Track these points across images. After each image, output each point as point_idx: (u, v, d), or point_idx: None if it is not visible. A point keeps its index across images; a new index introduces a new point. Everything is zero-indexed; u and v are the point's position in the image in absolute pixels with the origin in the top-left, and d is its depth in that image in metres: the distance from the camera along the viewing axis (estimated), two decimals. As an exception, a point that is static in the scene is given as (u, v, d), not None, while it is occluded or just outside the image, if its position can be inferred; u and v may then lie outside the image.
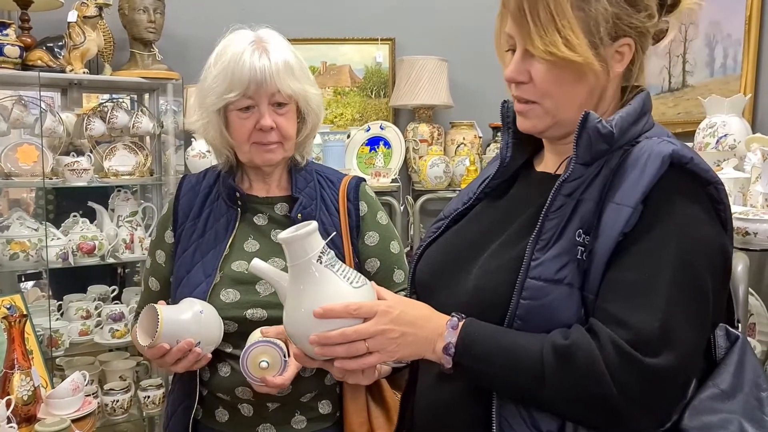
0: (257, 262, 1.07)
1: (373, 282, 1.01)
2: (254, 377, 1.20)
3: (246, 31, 1.39)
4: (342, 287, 0.95)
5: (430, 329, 0.94)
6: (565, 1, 0.91)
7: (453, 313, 0.95)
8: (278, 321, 1.24)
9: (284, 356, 1.21)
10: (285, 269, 1.33)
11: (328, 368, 0.99)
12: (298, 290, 0.97)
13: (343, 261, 1.39)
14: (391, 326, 0.93)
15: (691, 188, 0.91)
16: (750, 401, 0.90)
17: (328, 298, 0.94)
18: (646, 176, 0.89)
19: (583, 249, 0.91)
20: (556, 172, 1.03)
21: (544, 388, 0.87)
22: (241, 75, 1.32)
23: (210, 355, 1.29)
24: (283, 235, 0.96)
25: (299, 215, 1.40)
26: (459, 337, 0.92)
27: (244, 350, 1.21)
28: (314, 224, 0.96)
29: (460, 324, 0.94)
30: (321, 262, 0.95)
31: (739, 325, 1.00)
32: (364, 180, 1.53)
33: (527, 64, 0.96)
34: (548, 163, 1.08)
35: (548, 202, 0.94)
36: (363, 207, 1.47)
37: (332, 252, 0.98)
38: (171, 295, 1.41)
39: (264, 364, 1.19)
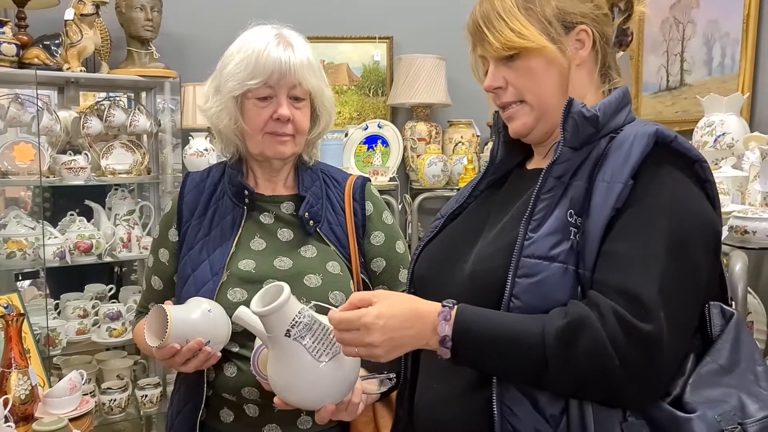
0: (241, 312, 1.12)
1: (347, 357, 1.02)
2: (265, 376, 1.19)
3: (268, 26, 1.40)
4: (306, 362, 0.99)
5: (421, 326, 0.94)
6: (513, 6, 1.02)
7: (443, 303, 0.95)
8: None
9: None
10: (293, 268, 1.36)
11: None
12: (274, 355, 1.03)
13: (349, 261, 1.40)
14: (379, 337, 0.93)
15: (678, 165, 0.95)
16: (747, 376, 0.93)
17: (291, 374, 1.01)
18: (633, 154, 0.94)
19: (576, 230, 0.94)
20: (545, 159, 1.07)
21: (547, 371, 0.88)
22: (266, 64, 1.32)
23: (219, 354, 1.28)
24: (255, 307, 1.00)
25: (306, 214, 1.40)
26: (454, 330, 0.93)
27: (254, 349, 1.20)
28: (286, 294, 0.98)
29: (453, 313, 0.94)
30: (290, 336, 0.99)
31: (733, 303, 1.03)
32: (369, 180, 1.53)
33: (501, 72, 1.05)
34: (538, 161, 1.12)
35: (539, 184, 0.98)
36: (369, 207, 1.47)
37: (306, 317, 0.99)
38: (176, 294, 1.40)
39: None
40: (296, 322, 0.98)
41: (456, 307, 0.95)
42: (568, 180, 0.97)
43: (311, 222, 1.40)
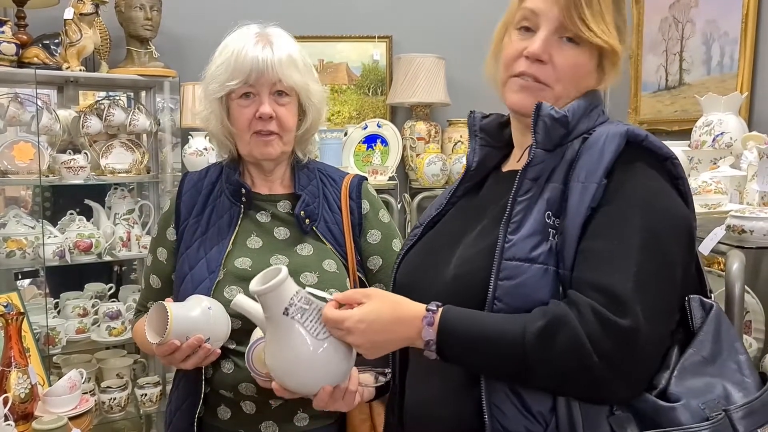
0: (240, 300, 1.12)
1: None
2: (259, 372, 1.21)
3: (253, 25, 1.41)
4: (305, 341, 1.00)
5: (405, 330, 0.97)
6: (611, 3, 1.01)
7: (428, 307, 0.97)
8: None
9: None
10: (289, 266, 1.37)
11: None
12: (273, 337, 1.04)
13: (346, 259, 1.41)
14: (360, 339, 0.98)
15: (651, 163, 0.97)
16: (730, 365, 0.94)
17: (288, 354, 1.01)
18: (606, 154, 0.95)
19: (554, 231, 0.95)
20: (519, 162, 1.07)
21: (528, 369, 0.90)
22: (243, 64, 1.33)
23: (219, 351, 1.29)
24: (253, 286, 1.01)
25: (302, 212, 1.40)
26: (438, 334, 0.95)
27: (249, 345, 1.21)
28: (283, 273, 0.99)
29: (437, 318, 0.95)
30: (287, 314, 1.00)
31: (712, 295, 1.03)
32: (366, 179, 1.54)
33: (553, 46, 0.99)
34: (514, 163, 1.12)
35: (515, 187, 0.99)
36: (365, 205, 1.48)
37: (302, 296, 1.01)
38: (174, 292, 1.41)
39: None
40: (293, 302, 1.00)
41: (440, 310, 0.96)
42: (543, 182, 0.98)
43: (307, 220, 1.41)
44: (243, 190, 1.42)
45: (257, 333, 1.23)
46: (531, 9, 1.00)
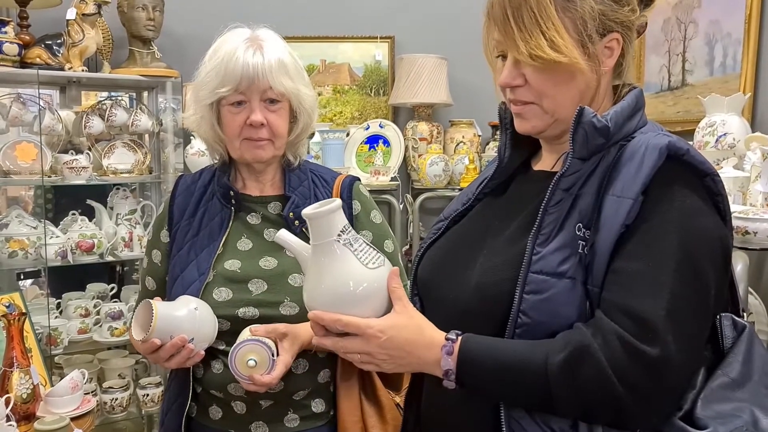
0: (283, 233, 1.09)
1: (394, 268, 1.02)
2: (242, 375, 1.22)
3: (243, 29, 1.40)
4: (355, 268, 0.98)
5: (424, 353, 0.96)
6: (549, 4, 0.93)
7: (447, 335, 0.95)
8: (269, 320, 1.29)
9: (272, 355, 1.23)
10: (277, 267, 1.36)
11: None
12: (318, 266, 1.01)
13: None
14: (377, 350, 0.96)
15: (689, 180, 0.92)
16: (760, 389, 0.91)
17: (341, 277, 0.98)
18: (644, 168, 0.91)
19: (584, 243, 0.92)
20: (554, 169, 1.04)
21: (552, 401, 0.88)
22: (234, 71, 1.32)
23: (203, 353, 1.30)
24: (307, 210, 1.00)
25: (291, 214, 1.40)
26: (457, 364, 0.93)
27: (232, 348, 1.22)
28: (338, 202, 1.00)
29: (456, 347, 0.93)
30: (340, 241, 0.99)
31: (745, 314, 1.00)
32: (359, 179, 1.53)
33: (520, 68, 0.97)
34: (546, 161, 1.09)
35: (547, 196, 0.95)
36: (356, 206, 1.47)
37: (352, 231, 1.01)
38: (166, 294, 1.42)
39: (252, 363, 1.21)
40: (346, 229, 1.00)
41: (459, 339, 0.94)
42: (576, 191, 0.95)
43: (296, 222, 1.40)
44: (231, 193, 1.42)
45: (243, 335, 1.26)
46: (496, 40, 0.99)
